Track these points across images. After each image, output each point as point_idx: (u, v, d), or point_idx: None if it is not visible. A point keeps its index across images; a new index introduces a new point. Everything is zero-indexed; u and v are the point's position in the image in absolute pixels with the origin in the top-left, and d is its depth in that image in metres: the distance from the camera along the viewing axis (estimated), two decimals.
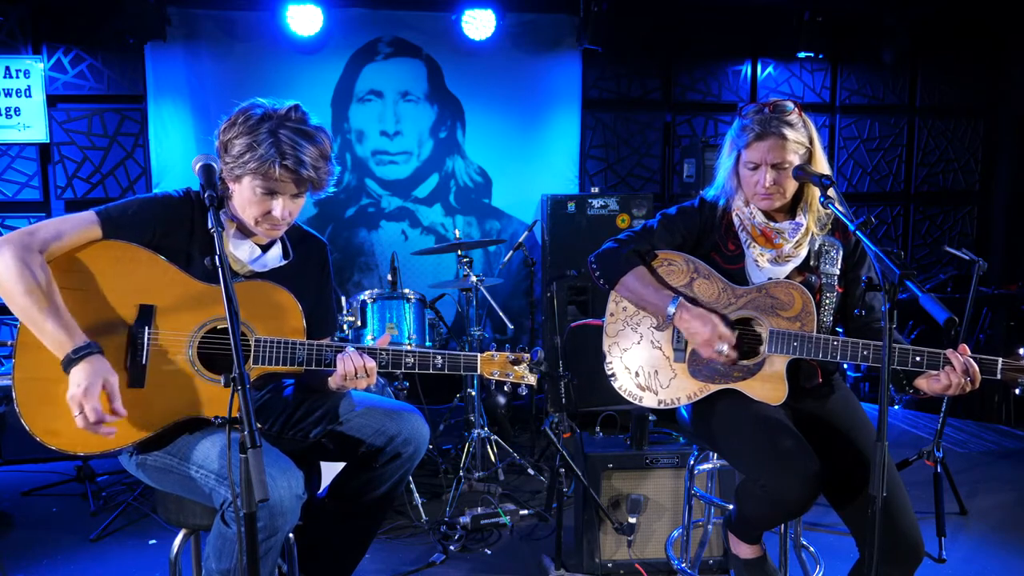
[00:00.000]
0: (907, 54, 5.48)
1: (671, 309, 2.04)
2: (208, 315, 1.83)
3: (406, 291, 3.65)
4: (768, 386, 2.01)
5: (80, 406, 1.64)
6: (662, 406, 2.13)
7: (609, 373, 2.17)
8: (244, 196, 1.83)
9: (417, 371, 1.93)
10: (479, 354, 2.00)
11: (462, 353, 1.98)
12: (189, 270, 1.84)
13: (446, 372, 1.95)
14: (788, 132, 1.99)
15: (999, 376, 1.86)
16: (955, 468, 3.70)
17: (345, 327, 3.51)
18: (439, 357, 1.95)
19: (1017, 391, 1.88)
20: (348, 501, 2.05)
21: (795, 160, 2.01)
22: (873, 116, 5.73)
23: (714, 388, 2.07)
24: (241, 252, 1.91)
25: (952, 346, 1.87)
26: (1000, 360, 1.86)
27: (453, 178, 5.09)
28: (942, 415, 3.19)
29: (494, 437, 3.75)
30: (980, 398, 4.72)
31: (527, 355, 2.05)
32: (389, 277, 3.74)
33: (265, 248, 1.96)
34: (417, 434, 2.05)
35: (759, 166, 2.01)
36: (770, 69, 5.50)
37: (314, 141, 1.81)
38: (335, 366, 1.88)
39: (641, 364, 2.15)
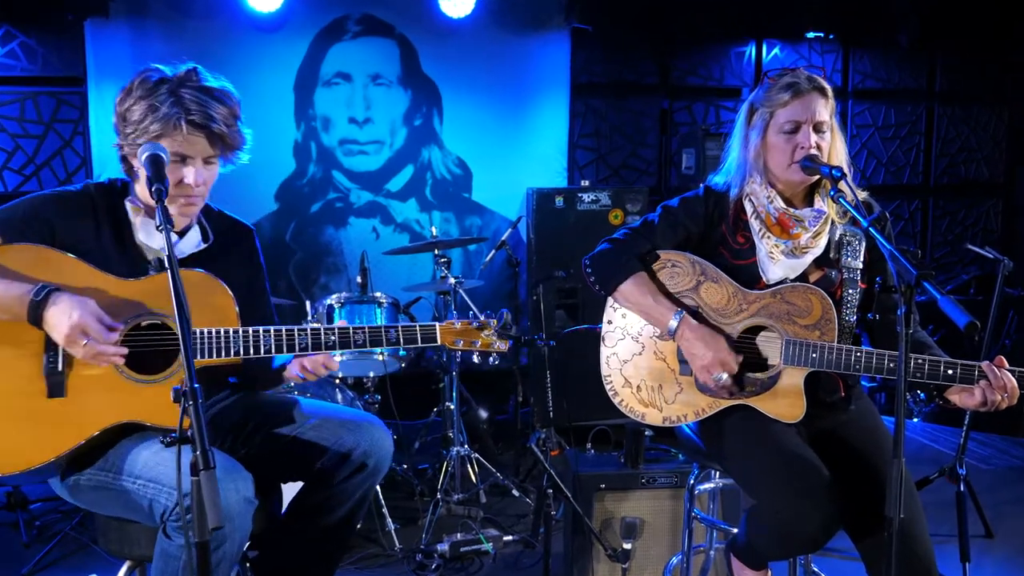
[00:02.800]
0: (924, 34, 5.53)
1: (672, 324, 2.04)
2: (129, 312, 1.83)
3: (377, 294, 3.63)
4: (784, 402, 2.01)
5: (83, 333, 1.69)
6: (667, 423, 2.13)
7: (608, 387, 2.17)
8: None
9: (368, 347, 1.92)
10: (437, 323, 2.00)
11: (418, 324, 1.98)
12: (104, 267, 1.84)
13: (402, 345, 1.95)
14: (828, 92, 2.04)
15: None
16: (979, 486, 3.73)
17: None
18: (392, 331, 1.94)
19: None
20: (308, 523, 2.04)
21: (829, 128, 2.03)
22: (888, 102, 5.78)
23: (724, 404, 2.07)
24: (154, 240, 1.92)
25: (974, 352, 1.89)
26: None
27: (429, 170, 5.08)
28: (965, 429, 3.21)
29: (475, 455, 3.75)
30: (1008, 411, 4.76)
31: (491, 319, 2.04)
32: (359, 279, 3.73)
33: (181, 234, 1.97)
34: (378, 446, 2.04)
35: (800, 126, 2.01)
36: (776, 51, 5.53)
37: (220, 98, 1.86)
38: (277, 350, 1.88)
39: (643, 377, 2.14)
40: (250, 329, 1.87)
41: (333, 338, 1.90)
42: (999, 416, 4.76)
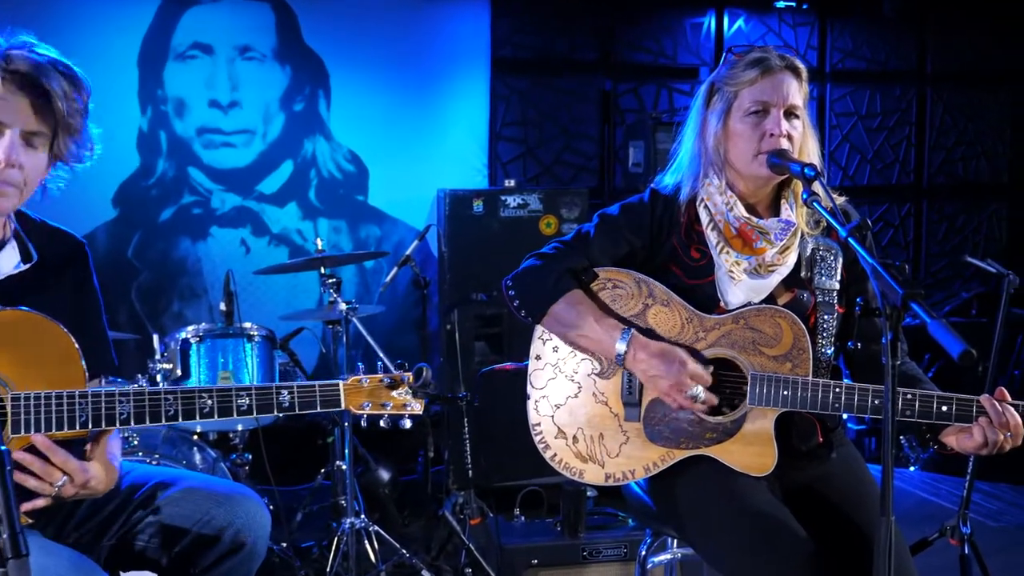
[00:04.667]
0: (913, 4, 5.77)
1: (620, 346, 2.06)
2: None
3: (247, 325, 3.59)
4: (751, 451, 2.05)
5: None
6: (611, 482, 2.14)
7: (538, 439, 2.18)
8: None
9: (256, 414, 1.94)
10: (341, 381, 2.01)
11: (317, 383, 1.99)
12: None
13: (297, 413, 1.97)
14: (803, 74, 2.11)
15: None
16: (987, 548, 3.85)
17: (158, 377, 3.43)
18: (285, 393, 1.95)
19: None
20: None
21: (802, 118, 2.10)
22: (873, 85, 6.01)
23: (680, 455, 2.09)
24: None
25: (977, 387, 1.96)
26: None
27: (314, 167, 5.05)
28: (968, 478, 3.32)
29: (374, 528, 3.70)
30: (1018, 456, 4.95)
31: (407, 373, 2.06)
32: (223, 306, 3.70)
33: None
34: (254, 523, 2.02)
35: (769, 108, 2.07)
36: (740, 23, 5.70)
37: (64, 70, 1.82)
38: (137, 422, 1.85)
39: (581, 426, 2.16)
40: (102, 393, 1.83)
41: (210, 403, 1.90)
42: (1008, 461, 4.95)
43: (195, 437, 3.52)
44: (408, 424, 2.08)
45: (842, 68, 5.93)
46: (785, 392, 2.02)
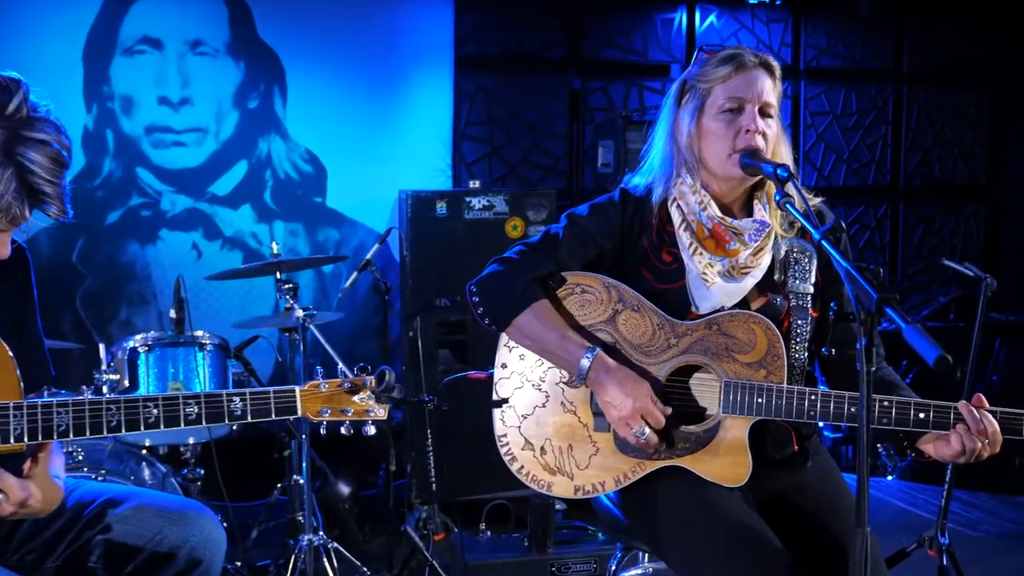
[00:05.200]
0: (891, 1, 5.85)
1: (584, 365, 2.08)
2: None
3: (199, 334, 3.58)
4: (725, 461, 2.07)
5: None
6: (580, 494, 2.15)
7: (504, 451, 2.19)
8: None
9: (205, 423, 1.93)
10: (297, 387, 2.00)
11: (272, 388, 1.98)
12: None
13: (250, 422, 1.95)
14: (777, 72, 2.14)
15: None
16: (966, 558, 3.91)
17: (105, 389, 3.40)
18: (237, 401, 1.93)
19: None
20: None
21: (776, 118, 2.13)
22: (849, 84, 6.08)
23: (652, 466, 2.11)
24: None
25: (956, 393, 2.00)
26: None
27: (269, 167, 5.03)
28: (947, 487, 3.37)
29: (334, 545, 3.69)
30: (997, 464, 5.02)
31: (369, 377, 2.06)
32: (173, 314, 3.67)
33: None
34: (208, 541, 2.03)
35: (743, 105, 2.10)
36: (712, 19, 5.75)
37: (51, 148, 1.83)
38: (76, 434, 1.83)
39: (549, 436, 2.17)
40: (38, 404, 1.81)
41: (156, 412, 1.87)
42: (988, 470, 5.04)
43: (144, 451, 3.50)
44: (372, 431, 2.07)
45: (816, 66, 6.00)
46: (759, 400, 2.04)
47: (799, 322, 2.15)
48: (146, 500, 2.05)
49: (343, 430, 2.06)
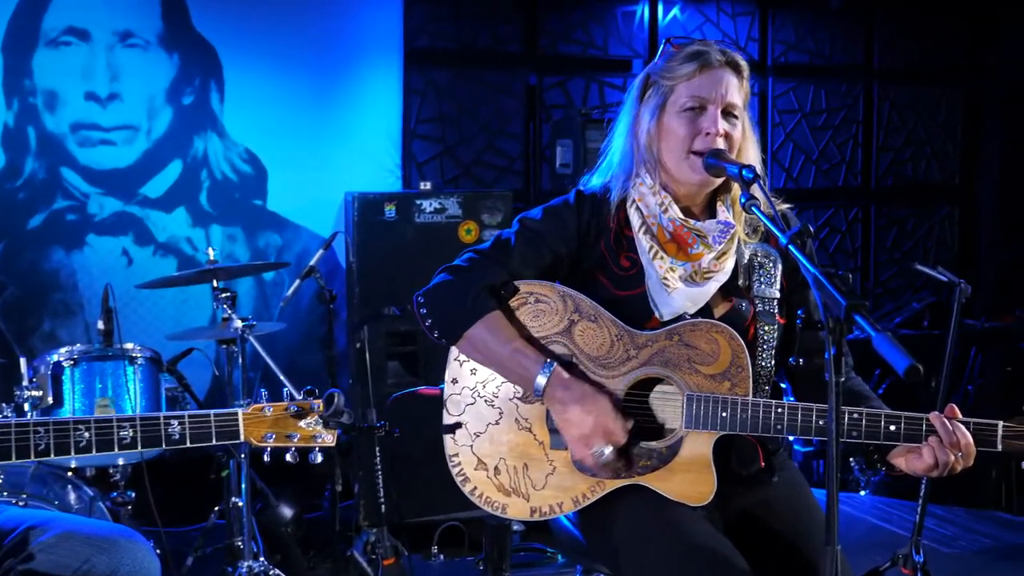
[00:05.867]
0: None
1: (540, 381, 2.07)
2: None
3: (129, 346, 3.57)
4: (689, 479, 2.08)
5: None
6: (536, 516, 2.15)
7: (456, 471, 2.18)
8: None
9: (140, 448, 1.92)
10: (240, 410, 2.00)
11: (212, 412, 1.99)
12: None
13: (188, 446, 1.95)
14: (744, 71, 2.16)
15: (999, 447, 2.01)
16: (941, 575, 3.97)
17: (26, 406, 3.37)
18: (174, 424, 1.93)
19: None
20: None
21: (741, 118, 2.15)
22: (818, 80, 6.16)
23: (612, 485, 2.11)
24: None
25: (929, 401, 2.02)
26: (1000, 425, 2.01)
27: (206, 167, 5.00)
28: (921, 502, 3.41)
29: (276, 572, 3.67)
30: (972, 477, 5.09)
31: (317, 401, 2.05)
32: (101, 325, 3.64)
33: None
34: (141, 570, 2.03)
35: (705, 105, 2.12)
36: (676, 12, 5.79)
37: None
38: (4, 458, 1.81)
39: (503, 455, 2.17)
40: None
41: (87, 436, 1.87)
42: (963, 484, 5.10)
43: (69, 473, 3.47)
44: (319, 458, 2.08)
45: (785, 62, 6.07)
46: (723, 414, 2.05)
47: (766, 328, 2.16)
48: (72, 527, 2.04)
49: (288, 457, 2.06)
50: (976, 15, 6.36)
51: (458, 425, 2.19)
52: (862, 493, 5.26)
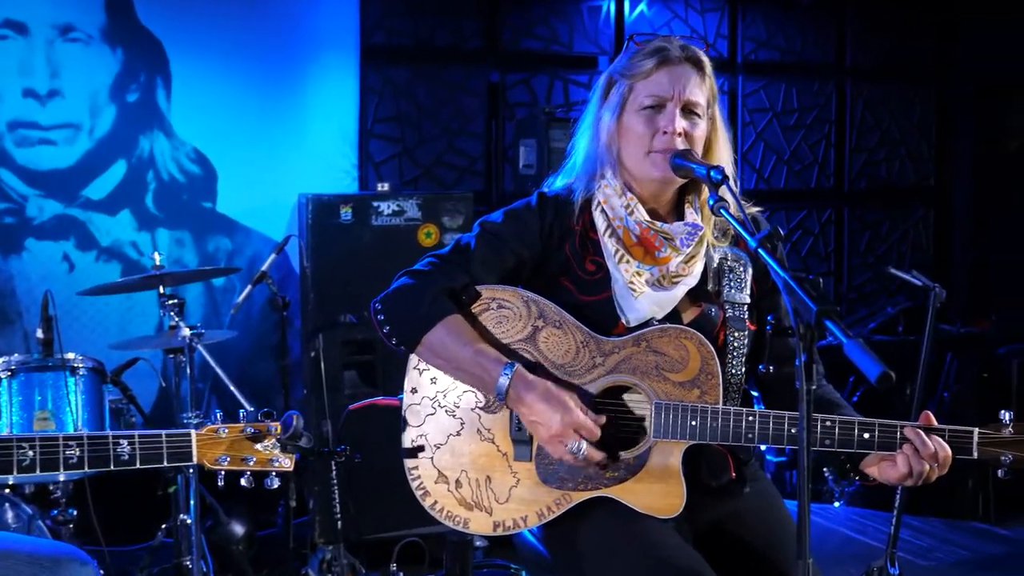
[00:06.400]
0: None
1: (503, 382, 2.07)
2: None
3: (70, 356, 3.54)
4: (657, 490, 2.09)
5: None
6: (500, 531, 2.15)
7: (416, 485, 2.18)
8: None
9: (87, 468, 1.92)
10: (194, 430, 1.99)
11: (164, 432, 1.98)
12: None
13: (137, 468, 1.94)
14: (706, 67, 2.18)
15: (975, 454, 2.03)
16: None
17: None
18: (124, 444, 1.93)
19: (1000, 473, 2.05)
20: None
21: (705, 116, 2.17)
22: (789, 78, 6.22)
23: (578, 498, 2.12)
24: None
25: (904, 410, 2.04)
26: (976, 431, 2.03)
27: (152, 168, 4.97)
28: (896, 512, 3.45)
29: None
30: (948, 487, 5.15)
31: (274, 423, 2.05)
32: (40, 334, 3.65)
33: None
34: None
35: (664, 104, 2.14)
36: (642, 7, 5.83)
37: None
38: None
39: (465, 468, 2.17)
40: None
41: (31, 455, 1.87)
42: (939, 493, 5.16)
43: (7, 491, 3.45)
44: (276, 484, 2.08)
45: (755, 59, 6.13)
46: (693, 423, 2.06)
47: (736, 335, 2.18)
48: (12, 546, 2.04)
49: (243, 482, 2.06)
50: (950, 10, 6.44)
51: (420, 448, 2.19)
52: (836, 504, 5.30)
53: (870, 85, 6.40)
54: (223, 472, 2.04)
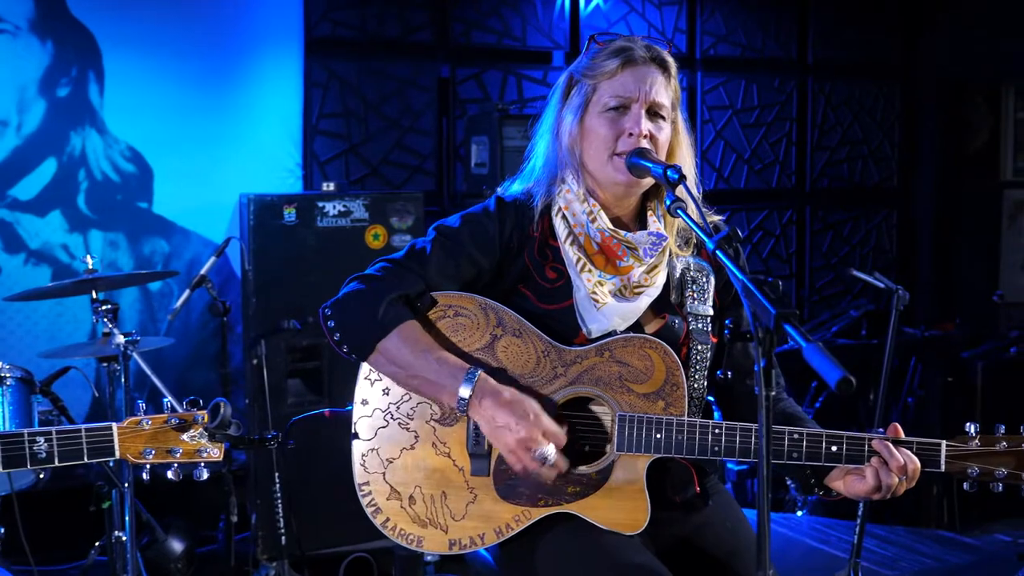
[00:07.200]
0: None
1: (464, 391, 2.06)
2: None
3: None
4: (621, 506, 2.09)
5: None
6: (456, 549, 2.15)
7: (367, 501, 2.17)
8: None
9: (3, 469, 1.90)
10: (115, 423, 1.97)
11: (84, 426, 1.96)
12: None
13: (58, 466, 1.93)
14: (671, 69, 2.20)
15: (943, 468, 2.06)
16: None
17: None
18: (41, 441, 1.91)
19: (967, 486, 2.07)
20: None
21: (669, 119, 2.18)
22: (750, 75, 6.28)
23: (538, 514, 2.12)
24: None
25: (868, 415, 2.06)
26: (943, 444, 2.05)
27: (84, 166, 4.94)
28: (859, 522, 3.49)
29: None
30: (913, 495, 5.21)
31: (201, 412, 2.03)
32: None
33: None
34: None
35: (629, 104, 2.14)
36: (598, 1, 5.85)
37: None
38: None
39: (419, 483, 2.16)
40: None
41: None
42: (904, 502, 5.22)
43: None
44: (205, 475, 2.04)
45: (714, 55, 6.18)
46: (658, 435, 2.07)
47: (699, 347, 2.20)
48: None
49: (170, 474, 2.03)
50: (915, 5, 6.54)
51: (370, 461, 2.17)
52: (799, 513, 5.35)
53: (832, 82, 6.48)
54: (148, 466, 2.01)
